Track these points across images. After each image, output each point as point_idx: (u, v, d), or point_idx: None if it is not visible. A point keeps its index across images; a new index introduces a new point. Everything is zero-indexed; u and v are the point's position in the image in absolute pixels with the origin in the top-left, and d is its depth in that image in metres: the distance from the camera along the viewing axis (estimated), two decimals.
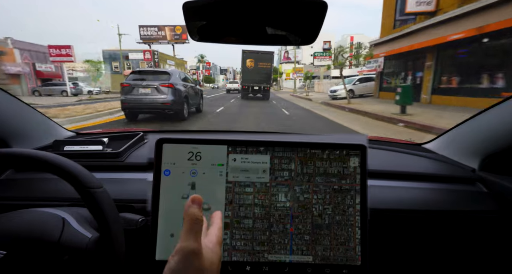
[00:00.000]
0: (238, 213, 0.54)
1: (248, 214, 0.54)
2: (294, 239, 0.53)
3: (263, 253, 0.53)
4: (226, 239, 0.53)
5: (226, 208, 0.53)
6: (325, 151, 0.55)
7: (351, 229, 0.53)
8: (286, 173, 0.54)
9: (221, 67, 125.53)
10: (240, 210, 0.54)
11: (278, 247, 0.53)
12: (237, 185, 0.54)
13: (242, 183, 0.54)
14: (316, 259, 0.53)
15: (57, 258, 0.45)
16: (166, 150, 0.54)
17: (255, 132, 1.44)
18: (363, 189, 0.54)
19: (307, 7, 0.53)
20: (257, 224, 0.53)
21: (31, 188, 0.76)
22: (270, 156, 0.55)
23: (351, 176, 0.55)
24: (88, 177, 0.48)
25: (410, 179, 0.82)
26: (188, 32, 0.59)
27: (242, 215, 0.53)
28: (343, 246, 0.53)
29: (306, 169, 0.55)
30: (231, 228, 0.53)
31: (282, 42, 0.62)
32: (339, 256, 0.53)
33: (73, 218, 0.52)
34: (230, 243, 0.53)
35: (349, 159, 0.55)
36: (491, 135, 0.79)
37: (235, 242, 0.53)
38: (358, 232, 0.53)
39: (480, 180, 0.82)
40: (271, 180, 0.54)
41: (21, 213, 0.51)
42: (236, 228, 0.53)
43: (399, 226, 0.72)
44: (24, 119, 0.92)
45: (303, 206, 0.54)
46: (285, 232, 0.53)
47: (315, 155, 0.55)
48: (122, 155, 0.88)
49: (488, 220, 0.72)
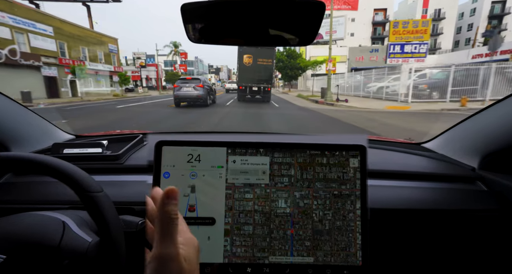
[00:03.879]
0: (238, 219, 0.53)
1: (248, 220, 0.53)
2: (294, 245, 0.53)
3: (263, 260, 0.53)
4: (226, 245, 0.52)
5: (226, 215, 0.53)
6: (325, 155, 0.55)
7: (351, 234, 0.53)
8: (285, 179, 0.54)
9: (217, 66, 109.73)
10: (240, 216, 0.53)
11: (278, 253, 0.53)
12: (237, 191, 0.54)
13: (242, 189, 0.54)
14: (317, 260, 0.53)
15: (57, 262, 0.45)
16: (165, 152, 0.53)
17: (254, 133, 1.44)
18: (363, 194, 0.54)
19: (305, 8, 0.53)
20: (257, 230, 0.53)
21: (30, 191, 0.76)
22: (270, 158, 0.55)
23: (351, 181, 0.54)
24: (88, 181, 0.48)
25: (410, 178, 0.82)
26: (187, 34, 0.59)
27: (242, 222, 0.53)
28: (344, 252, 0.53)
29: (306, 175, 0.54)
30: (231, 234, 0.53)
31: (280, 43, 0.62)
32: (340, 261, 0.53)
33: (73, 222, 0.51)
34: (231, 250, 0.52)
35: (348, 163, 0.55)
36: (491, 134, 0.79)
37: (235, 249, 0.52)
38: (359, 237, 0.53)
39: (480, 178, 0.82)
40: (271, 185, 0.54)
41: (21, 217, 0.51)
42: (236, 234, 0.53)
43: (398, 225, 0.72)
44: (23, 122, 0.92)
45: (303, 211, 0.54)
46: (285, 238, 0.53)
47: (315, 161, 0.55)
48: (122, 157, 0.88)
49: (488, 218, 0.72)
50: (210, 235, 0.52)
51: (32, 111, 0.96)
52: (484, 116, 0.82)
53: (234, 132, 1.19)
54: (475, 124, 0.85)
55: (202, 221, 0.52)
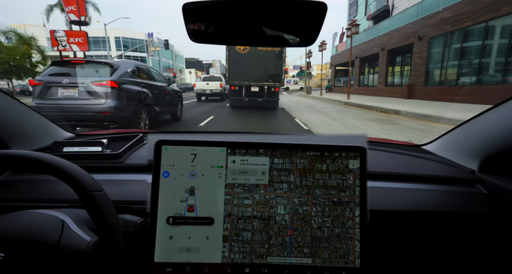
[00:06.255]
0: (237, 225, 0.53)
1: (247, 226, 0.53)
2: (293, 252, 0.53)
3: (262, 260, 0.53)
4: (225, 251, 0.52)
5: (225, 220, 0.53)
6: (325, 158, 0.55)
7: (350, 241, 0.53)
8: (285, 185, 0.54)
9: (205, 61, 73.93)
10: (239, 223, 0.53)
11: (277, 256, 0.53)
12: (236, 196, 0.54)
13: (241, 195, 0.54)
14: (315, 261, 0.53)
15: (56, 261, 0.45)
16: (165, 151, 0.53)
17: (254, 133, 1.44)
18: (362, 200, 0.54)
19: (307, 8, 0.53)
20: (255, 236, 0.53)
21: (29, 189, 0.76)
22: (270, 159, 0.55)
23: (351, 188, 0.54)
24: (88, 180, 0.48)
25: (410, 180, 0.82)
26: (188, 33, 0.59)
27: (241, 227, 0.53)
28: (343, 259, 0.52)
29: (305, 181, 0.54)
30: (229, 240, 0.53)
31: (282, 43, 0.62)
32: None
33: (72, 220, 0.51)
34: (229, 256, 0.52)
35: (348, 167, 0.55)
36: (491, 137, 0.79)
37: (233, 255, 0.52)
38: (357, 245, 0.53)
39: (480, 181, 0.81)
40: (270, 191, 0.54)
41: (20, 215, 0.51)
42: (235, 240, 0.53)
43: (398, 227, 0.72)
44: (23, 121, 0.92)
45: (302, 218, 0.54)
46: (284, 244, 0.53)
47: (314, 167, 0.55)
48: (122, 156, 0.88)
49: (488, 221, 0.72)
50: (209, 235, 0.52)
51: (33, 109, 0.96)
52: (484, 119, 0.82)
53: (234, 133, 1.19)
54: (475, 127, 0.85)
55: (201, 221, 0.52)
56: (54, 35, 16.57)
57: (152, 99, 5.53)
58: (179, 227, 0.52)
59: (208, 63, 75.92)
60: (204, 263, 0.51)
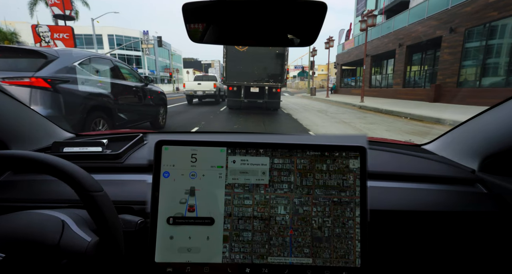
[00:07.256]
0: (237, 225, 0.53)
1: (247, 226, 0.53)
2: (293, 252, 0.53)
3: (262, 260, 0.53)
4: (225, 252, 0.52)
5: (225, 221, 0.53)
6: (325, 158, 0.55)
7: (351, 241, 0.53)
8: (285, 186, 0.54)
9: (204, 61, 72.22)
10: (239, 223, 0.53)
11: (277, 256, 0.53)
12: (236, 197, 0.54)
13: (241, 195, 0.54)
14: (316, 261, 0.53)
15: (56, 261, 0.45)
16: (165, 151, 0.53)
17: (254, 133, 1.44)
18: (363, 200, 0.54)
19: (307, 8, 0.53)
20: (256, 237, 0.53)
21: (29, 189, 0.76)
22: (270, 158, 0.55)
23: (351, 188, 0.54)
24: (89, 180, 0.48)
25: (410, 180, 0.82)
26: (188, 33, 0.59)
27: (241, 228, 0.53)
28: (343, 259, 0.52)
29: (306, 181, 0.54)
30: (230, 240, 0.53)
31: (282, 43, 0.62)
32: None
33: (73, 221, 0.51)
34: (229, 256, 0.52)
35: (348, 167, 0.55)
36: (491, 136, 0.79)
37: (233, 255, 0.52)
38: (358, 245, 0.53)
39: (480, 181, 0.81)
40: (270, 191, 0.54)
41: (20, 215, 0.51)
42: (235, 241, 0.53)
43: (398, 227, 0.72)
44: (23, 121, 0.92)
45: (303, 218, 0.54)
46: (284, 245, 0.53)
47: (314, 167, 0.55)
48: (122, 156, 0.88)
49: (488, 221, 0.72)
50: (209, 235, 0.52)
51: (33, 109, 0.95)
52: (484, 118, 0.82)
53: (234, 133, 1.19)
54: (475, 127, 0.85)
55: (201, 221, 0.52)
56: (36, 30, 14.77)
57: (116, 104, 4.18)
58: (179, 227, 0.52)
59: (207, 64, 74.02)
60: (205, 263, 0.51)
